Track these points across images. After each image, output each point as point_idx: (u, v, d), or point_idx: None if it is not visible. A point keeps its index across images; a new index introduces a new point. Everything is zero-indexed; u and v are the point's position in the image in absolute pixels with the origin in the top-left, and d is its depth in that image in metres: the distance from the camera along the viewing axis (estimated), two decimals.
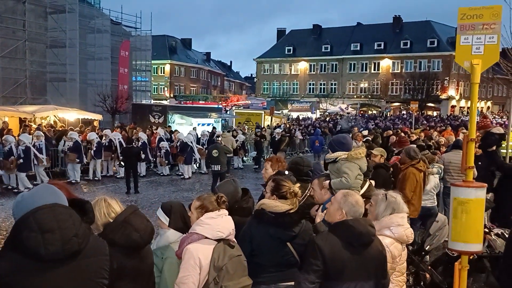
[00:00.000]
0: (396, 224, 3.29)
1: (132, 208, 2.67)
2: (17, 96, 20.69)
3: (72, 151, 13.15)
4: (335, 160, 4.33)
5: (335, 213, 2.89)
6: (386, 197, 3.37)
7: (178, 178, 15.06)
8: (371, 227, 2.87)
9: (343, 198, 2.90)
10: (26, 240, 1.82)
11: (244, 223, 3.20)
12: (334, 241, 2.74)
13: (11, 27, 20.44)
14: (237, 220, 3.03)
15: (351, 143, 4.68)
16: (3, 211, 9.81)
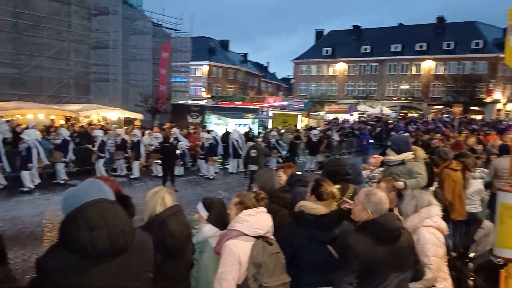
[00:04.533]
0: (435, 214, 3.47)
1: (175, 208, 2.71)
2: (62, 95, 21.50)
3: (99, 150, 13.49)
4: (402, 161, 4.26)
5: (361, 213, 2.91)
6: (413, 193, 3.61)
7: (217, 177, 15.21)
8: (398, 221, 2.93)
9: (366, 198, 2.91)
10: (74, 237, 1.83)
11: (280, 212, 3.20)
12: (366, 239, 2.75)
13: (56, 28, 21.26)
14: (273, 207, 3.04)
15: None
16: (49, 205, 10.24)
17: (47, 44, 20.88)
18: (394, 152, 4.36)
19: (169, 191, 2.92)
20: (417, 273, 3.00)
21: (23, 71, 20.37)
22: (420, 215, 3.44)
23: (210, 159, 15.06)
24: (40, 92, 20.25)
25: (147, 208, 2.77)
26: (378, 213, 2.84)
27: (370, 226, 2.80)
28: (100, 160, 13.60)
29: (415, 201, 3.54)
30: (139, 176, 14.27)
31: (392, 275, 2.76)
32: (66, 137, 12.90)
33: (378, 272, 2.73)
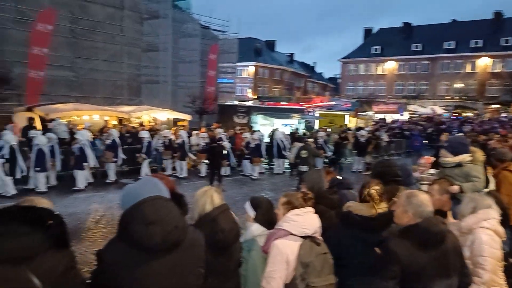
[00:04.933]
0: (492, 217, 3.33)
1: (223, 207, 2.78)
2: (115, 97, 22.42)
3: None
4: (458, 163, 4.11)
5: (402, 216, 2.83)
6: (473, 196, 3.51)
7: (262, 177, 15.29)
8: (443, 224, 2.79)
9: (407, 200, 2.82)
10: (132, 231, 1.94)
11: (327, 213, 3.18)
12: (408, 244, 2.66)
13: (110, 33, 22.20)
14: (321, 209, 3.02)
15: None
16: (103, 202, 10.71)
17: (102, 48, 21.86)
18: (450, 153, 4.18)
19: (217, 190, 2.98)
20: (464, 278, 2.86)
21: (80, 74, 21.44)
22: (476, 216, 3.33)
23: (255, 160, 15.12)
24: (95, 94, 21.24)
25: (196, 206, 2.85)
26: (420, 216, 2.74)
27: (412, 230, 2.71)
28: (145, 160, 14.02)
29: (473, 203, 3.42)
30: (187, 175, 14.60)
31: (437, 281, 2.65)
32: (116, 138, 13.39)
33: (421, 279, 2.63)
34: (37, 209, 1.97)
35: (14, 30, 18.50)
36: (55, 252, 1.91)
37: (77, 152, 12.08)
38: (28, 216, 1.88)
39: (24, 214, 1.88)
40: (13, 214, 1.87)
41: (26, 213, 1.90)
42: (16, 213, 1.88)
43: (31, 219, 1.88)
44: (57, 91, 19.69)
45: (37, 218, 1.90)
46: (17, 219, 1.86)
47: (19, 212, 1.89)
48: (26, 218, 1.87)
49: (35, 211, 1.94)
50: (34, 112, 15.88)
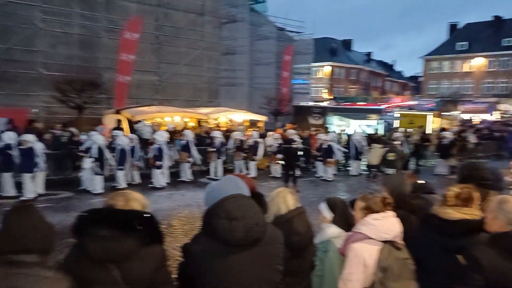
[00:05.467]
0: None
1: (300, 209, 2.81)
2: (195, 99, 23.44)
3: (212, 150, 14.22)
4: None
5: (492, 222, 2.63)
6: None
7: (337, 179, 15.07)
8: None
9: (498, 206, 2.61)
10: (216, 226, 2.08)
11: (408, 219, 3.06)
12: (495, 253, 2.46)
13: (192, 38, 23.28)
14: (401, 214, 2.91)
15: None
16: (184, 200, 11.22)
17: (183, 53, 22.97)
18: None
19: (291, 191, 3.01)
20: None
21: (163, 78, 22.71)
22: None
23: (327, 161, 14.91)
24: (177, 97, 22.35)
25: (271, 207, 2.90)
26: (511, 223, 2.53)
27: (501, 238, 2.50)
28: (218, 160, 14.34)
29: None
30: (256, 176, 14.77)
31: None
32: (190, 139, 13.87)
33: None
34: (128, 211, 2.13)
35: (105, 38, 20.08)
36: (148, 250, 2.08)
37: (155, 152, 12.73)
38: (121, 218, 2.05)
39: (117, 216, 2.06)
40: (106, 216, 2.05)
41: (118, 215, 2.07)
42: (109, 215, 2.05)
43: (124, 221, 2.05)
44: (142, 94, 21.03)
45: (129, 220, 2.07)
46: (109, 221, 2.03)
47: (111, 214, 2.06)
48: (118, 220, 2.04)
49: (127, 213, 2.11)
50: (121, 114, 17.06)
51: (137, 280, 2.02)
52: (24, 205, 2.03)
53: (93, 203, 10.10)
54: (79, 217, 2.11)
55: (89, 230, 2.02)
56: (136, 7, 21.24)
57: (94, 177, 11.56)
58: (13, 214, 1.95)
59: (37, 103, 17.95)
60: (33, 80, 18.34)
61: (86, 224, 2.04)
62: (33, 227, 1.92)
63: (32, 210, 1.99)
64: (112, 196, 2.31)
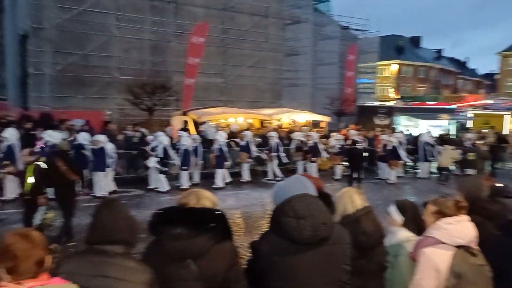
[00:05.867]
0: None
1: (367, 209, 2.78)
2: (258, 100, 23.72)
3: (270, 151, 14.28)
4: None
5: None
6: None
7: (404, 181, 14.55)
8: None
9: None
10: (284, 224, 2.13)
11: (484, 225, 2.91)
12: None
13: (256, 40, 23.62)
14: (476, 220, 2.78)
15: None
16: (247, 200, 11.41)
17: (248, 55, 23.39)
18: None
19: (358, 191, 2.98)
20: None
21: (228, 80, 23.25)
22: None
23: (392, 163, 14.37)
24: (241, 98, 22.77)
25: (338, 207, 2.89)
26: None
27: None
28: (274, 161, 14.37)
29: None
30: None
31: None
32: (250, 139, 14.01)
33: None
34: (201, 209, 2.24)
35: (173, 43, 20.95)
36: (221, 247, 2.18)
37: (216, 152, 13.02)
38: (195, 216, 2.17)
39: (191, 214, 2.17)
40: (180, 215, 2.17)
41: (192, 213, 2.18)
42: (183, 213, 2.17)
43: (198, 219, 2.16)
44: (208, 96, 21.67)
45: (203, 217, 2.18)
46: (184, 219, 2.14)
47: (186, 212, 2.18)
48: (192, 218, 2.15)
49: (200, 211, 2.22)
50: (188, 116, 17.70)
51: (212, 277, 2.12)
52: (112, 200, 2.21)
53: (162, 201, 10.58)
54: (154, 215, 2.24)
55: (165, 227, 2.15)
56: (203, 11, 21.93)
57: (159, 176, 12.04)
58: (102, 208, 2.14)
59: (111, 106, 19.13)
60: (108, 84, 19.60)
61: (162, 222, 2.17)
62: (120, 221, 2.09)
63: (119, 205, 2.16)
64: (184, 195, 2.42)
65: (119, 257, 2.06)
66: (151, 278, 2.05)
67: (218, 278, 2.14)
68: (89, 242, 2.12)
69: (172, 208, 2.26)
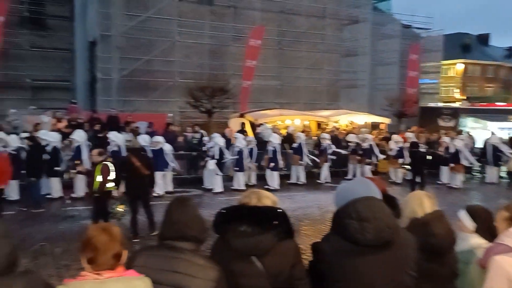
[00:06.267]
0: None
1: (437, 213, 2.70)
2: (315, 102, 23.54)
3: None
4: None
5: None
6: None
7: (470, 186, 13.83)
8: None
9: None
10: (347, 226, 2.12)
11: None
12: None
13: (312, 42, 23.51)
14: None
15: None
16: (303, 202, 11.40)
17: (304, 56, 23.33)
18: None
19: (428, 195, 2.89)
20: None
21: (284, 82, 23.31)
22: None
23: (455, 167, 13.61)
24: (297, 100, 22.73)
25: (405, 210, 2.83)
26: None
27: None
28: (325, 164, 14.18)
29: None
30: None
31: None
32: (302, 141, 13.89)
33: None
34: (264, 208, 2.29)
35: (232, 46, 21.37)
36: (285, 245, 2.23)
37: (270, 154, 13.06)
38: (259, 214, 2.22)
39: (255, 213, 2.23)
40: (245, 213, 2.23)
41: (257, 211, 2.24)
42: (249, 212, 2.23)
43: (262, 217, 2.21)
44: (265, 98, 21.84)
45: (267, 216, 2.23)
46: (249, 217, 2.20)
47: (250, 211, 2.24)
48: (257, 216, 2.21)
49: (264, 210, 2.27)
50: (245, 118, 17.95)
51: (277, 274, 2.17)
52: (184, 199, 2.33)
53: (221, 201, 10.81)
54: (219, 214, 2.32)
55: (230, 226, 2.22)
56: (261, 15, 22.17)
57: (215, 177, 12.29)
58: (175, 205, 2.25)
59: (173, 108, 19.84)
60: (170, 88, 20.38)
61: (227, 221, 2.25)
62: (191, 219, 2.19)
63: (191, 204, 2.27)
64: (245, 195, 2.47)
65: (189, 254, 2.15)
66: (219, 275, 2.12)
67: (282, 275, 2.18)
68: (160, 237, 2.23)
69: (236, 207, 2.33)
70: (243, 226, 2.19)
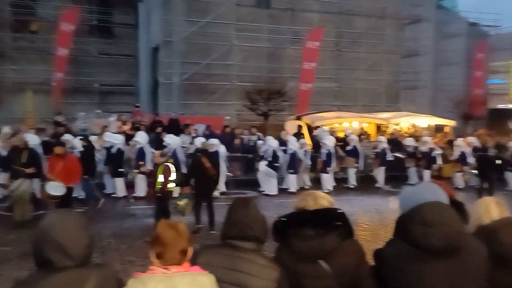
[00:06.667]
0: None
1: (507, 220, 2.55)
2: (373, 104, 22.98)
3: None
4: None
5: None
6: None
7: None
8: None
9: None
10: (412, 231, 2.06)
11: None
12: None
13: (372, 42, 22.97)
14: None
15: None
16: (360, 206, 11.13)
17: (363, 58, 22.90)
18: None
19: (497, 201, 2.74)
20: None
21: (342, 84, 22.98)
22: None
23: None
24: (355, 102, 22.34)
25: (472, 217, 2.70)
26: None
27: None
28: (380, 168, 13.76)
29: None
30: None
31: None
32: (357, 144, 13.66)
33: None
34: (325, 210, 2.28)
35: (289, 49, 21.41)
36: (348, 245, 2.23)
37: (323, 157, 12.86)
38: (322, 216, 2.22)
39: (318, 215, 2.22)
40: (309, 217, 2.22)
41: (319, 214, 2.23)
42: (311, 215, 2.23)
43: (325, 219, 2.20)
44: (322, 101, 21.64)
45: (328, 219, 2.22)
46: (312, 221, 2.20)
47: (313, 214, 2.23)
48: (320, 218, 2.20)
49: (325, 212, 2.27)
50: (302, 121, 17.84)
51: (342, 274, 2.16)
52: (246, 199, 2.37)
53: (277, 203, 10.84)
54: (279, 222, 2.30)
55: (292, 231, 2.23)
56: (318, 16, 22.04)
57: (268, 179, 12.31)
58: (237, 205, 2.31)
59: (230, 111, 20.18)
60: (227, 91, 20.79)
61: (290, 225, 2.24)
62: (252, 219, 2.23)
63: (252, 204, 2.31)
64: (301, 197, 2.44)
65: (250, 254, 2.18)
66: (280, 276, 2.13)
67: (348, 275, 2.16)
68: (223, 236, 2.29)
69: (297, 213, 2.30)
70: (306, 230, 2.19)
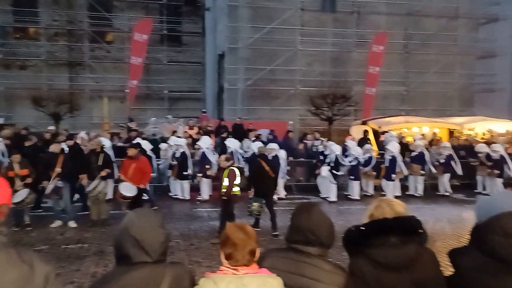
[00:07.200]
0: None
1: None
2: (445, 108, 21.87)
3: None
4: None
5: None
6: None
7: None
8: None
9: None
10: (489, 242, 1.96)
11: None
12: None
13: (442, 44, 21.90)
14: None
15: None
16: (432, 215, 10.65)
17: (433, 60, 21.91)
18: None
19: None
20: None
21: (410, 88, 22.13)
22: None
23: None
24: (425, 107, 21.37)
25: None
26: None
27: None
28: (444, 175, 13.03)
29: None
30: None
31: None
32: (424, 150, 13.06)
33: None
34: (406, 218, 2.23)
35: (354, 53, 21.02)
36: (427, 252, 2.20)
37: (387, 163, 12.41)
38: (403, 224, 2.17)
39: (399, 223, 2.18)
40: (391, 225, 2.17)
41: (400, 222, 2.18)
42: (394, 223, 2.18)
43: (408, 228, 2.17)
44: (388, 105, 21.00)
45: (410, 227, 2.18)
46: (395, 229, 2.15)
47: (395, 222, 2.18)
48: (404, 226, 2.17)
49: (406, 219, 2.22)
50: (368, 125, 17.41)
51: (423, 283, 2.11)
52: (310, 204, 2.37)
53: (340, 210, 10.67)
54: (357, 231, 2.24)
55: (373, 239, 2.18)
56: (385, 19, 21.47)
57: (329, 185, 12.08)
58: (302, 210, 2.31)
59: (294, 116, 20.20)
60: (291, 96, 20.82)
61: (370, 235, 2.19)
62: (316, 224, 2.22)
63: (316, 210, 2.30)
64: (376, 205, 2.38)
65: (315, 259, 2.18)
66: (345, 281, 2.11)
67: (429, 283, 2.11)
68: (287, 241, 2.30)
69: (378, 221, 2.24)
70: (390, 238, 2.15)
